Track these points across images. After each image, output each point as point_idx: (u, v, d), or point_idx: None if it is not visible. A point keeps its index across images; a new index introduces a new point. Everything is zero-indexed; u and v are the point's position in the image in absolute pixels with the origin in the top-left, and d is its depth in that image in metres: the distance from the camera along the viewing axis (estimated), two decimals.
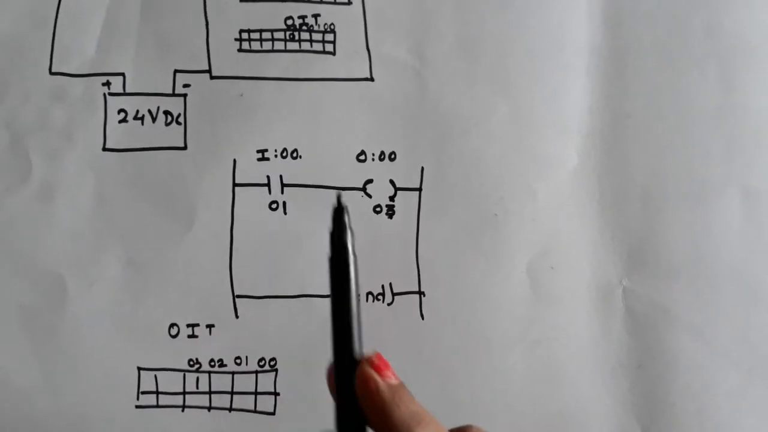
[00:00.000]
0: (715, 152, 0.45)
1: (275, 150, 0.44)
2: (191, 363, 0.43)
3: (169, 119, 0.44)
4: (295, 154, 0.44)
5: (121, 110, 0.44)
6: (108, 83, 0.44)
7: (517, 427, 0.43)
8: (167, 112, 0.44)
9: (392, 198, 0.44)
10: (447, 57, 0.45)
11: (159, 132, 0.44)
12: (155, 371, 0.43)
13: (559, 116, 0.45)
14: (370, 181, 0.44)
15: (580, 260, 0.44)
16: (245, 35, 0.45)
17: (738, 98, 0.45)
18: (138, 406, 0.43)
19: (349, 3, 0.45)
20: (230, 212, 0.44)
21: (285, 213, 0.44)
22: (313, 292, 0.44)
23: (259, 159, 0.44)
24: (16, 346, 0.43)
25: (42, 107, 0.44)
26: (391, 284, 0.44)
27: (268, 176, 0.44)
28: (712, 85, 0.45)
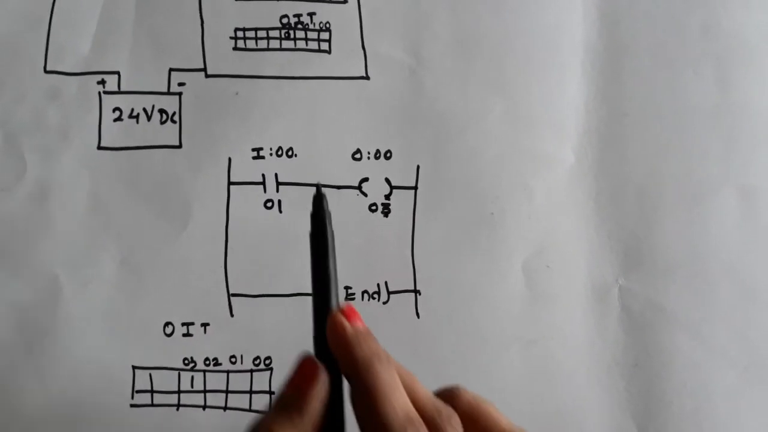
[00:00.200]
0: (712, 151, 0.45)
1: (270, 148, 0.44)
2: (186, 362, 0.43)
3: (164, 118, 0.44)
4: (291, 153, 0.44)
5: (116, 109, 0.44)
6: (103, 82, 0.44)
7: None
8: (162, 111, 0.44)
9: (388, 197, 0.44)
10: (443, 55, 0.45)
11: (154, 130, 0.44)
12: (150, 370, 0.43)
13: (556, 115, 0.45)
14: (366, 180, 0.44)
15: (577, 259, 0.44)
16: (240, 34, 0.45)
17: (735, 97, 0.45)
18: (133, 405, 0.43)
19: (345, 1, 0.45)
20: (225, 211, 0.44)
21: (280, 211, 0.44)
22: (309, 291, 0.43)
23: (255, 157, 0.44)
24: (11, 346, 0.42)
25: (37, 106, 0.44)
26: (387, 283, 0.44)
27: (264, 175, 0.44)
28: (709, 84, 0.45)
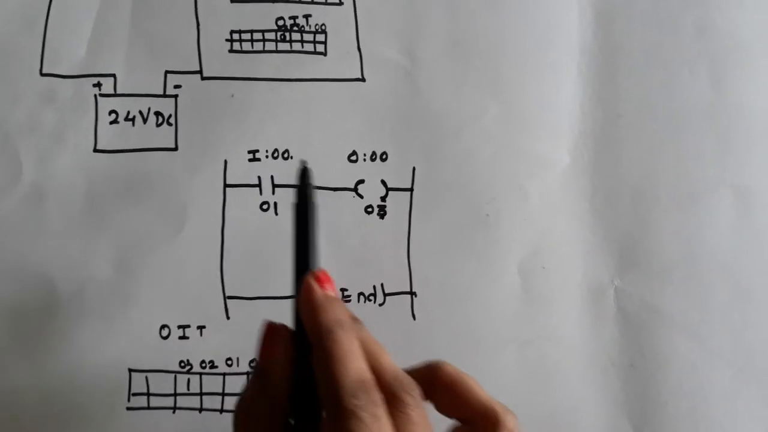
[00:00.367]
0: (707, 152, 0.45)
1: (266, 150, 0.44)
2: (182, 364, 0.43)
3: (160, 120, 0.44)
4: (287, 155, 0.44)
5: (112, 111, 0.44)
6: (99, 84, 0.44)
7: None
8: (158, 113, 0.44)
9: (384, 198, 0.44)
10: (438, 57, 0.45)
11: (150, 133, 0.44)
12: (146, 373, 0.43)
13: (551, 116, 0.45)
14: (362, 182, 0.44)
15: (572, 260, 0.44)
16: (236, 36, 0.45)
17: (730, 98, 0.45)
18: (129, 408, 0.43)
19: (341, 3, 0.45)
20: (221, 213, 0.44)
21: (276, 214, 0.44)
22: None
23: (251, 159, 0.44)
24: (6, 349, 0.42)
25: (32, 109, 0.44)
26: (383, 285, 0.44)
27: (260, 177, 0.44)
28: (704, 85, 0.45)
